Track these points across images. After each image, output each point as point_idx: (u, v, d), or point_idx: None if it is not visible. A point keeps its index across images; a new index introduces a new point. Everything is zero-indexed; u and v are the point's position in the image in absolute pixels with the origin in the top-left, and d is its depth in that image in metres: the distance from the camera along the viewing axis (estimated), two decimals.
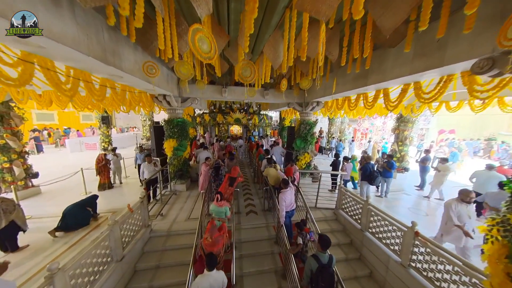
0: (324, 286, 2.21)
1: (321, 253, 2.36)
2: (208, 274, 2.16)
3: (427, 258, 2.64)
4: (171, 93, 4.99)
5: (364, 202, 3.82)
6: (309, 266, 2.33)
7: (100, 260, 2.60)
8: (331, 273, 2.25)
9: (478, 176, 4.86)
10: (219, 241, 2.68)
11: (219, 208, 3.29)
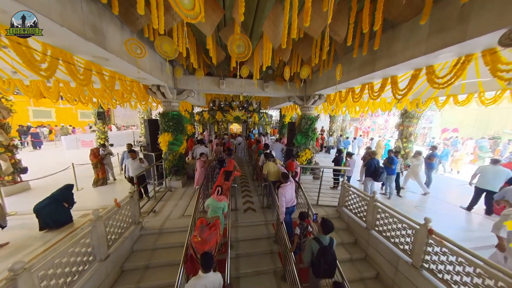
0: (327, 267, 2.20)
1: (322, 236, 2.38)
2: (204, 276, 1.88)
3: (442, 258, 2.38)
4: (165, 83, 4.73)
5: (370, 199, 3.56)
6: (310, 249, 2.34)
7: (80, 259, 2.34)
8: (332, 254, 2.27)
9: (484, 172, 4.58)
10: (211, 239, 2.40)
11: (218, 202, 3.04)
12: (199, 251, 2.32)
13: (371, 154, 5.15)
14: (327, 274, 2.24)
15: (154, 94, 5.20)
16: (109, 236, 2.88)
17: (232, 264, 3.24)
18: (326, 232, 2.35)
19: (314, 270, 2.29)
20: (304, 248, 2.73)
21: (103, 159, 6.07)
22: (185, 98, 5.65)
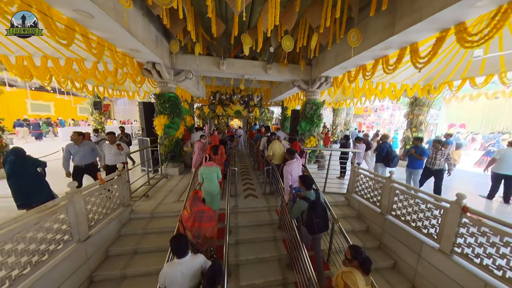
0: (319, 220, 2.19)
1: (307, 192, 2.37)
2: (179, 262, 1.58)
3: (481, 240, 2.00)
4: (161, 59, 4.38)
5: (386, 180, 3.19)
6: (298, 208, 2.35)
7: (51, 237, 1.99)
8: (321, 205, 2.26)
9: (504, 156, 4.19)
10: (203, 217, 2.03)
11: (209, 168, 2.81)
12: (188, 228, 1.97)
13: (383, 137, 4.78)
14: (321, 227, 2.21)
15: (149, 74, 4.86)
16: (91, 215, 2.53)
17: (232, 250, 2.89)
18: (308, 187, 2.37)
19: (309, 228, 2.27)
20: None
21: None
22: (182, 80, 5.29)
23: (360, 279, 1.55)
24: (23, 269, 1.71)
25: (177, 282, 1.53)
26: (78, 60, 4.46)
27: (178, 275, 1.52)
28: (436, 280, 2.34)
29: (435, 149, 4.15)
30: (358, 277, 1.55)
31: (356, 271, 1.59)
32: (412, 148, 4.43)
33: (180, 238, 1.63)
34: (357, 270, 1.59)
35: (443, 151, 4.08)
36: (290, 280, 2.61)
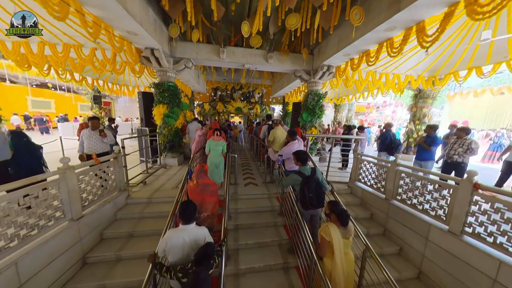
0: (312, 195, 2.13)
1: (302, 167, 2.32)
2: (183, 228, 1.57)
3: (494, 217, 1.89)
4: (159, 46, 4.30)
5: (391, 164, 3.08)
6: (290, 180, 2.33)
7: (41, 211, 1.90)
8: (315, 180, 2.20)
9: None
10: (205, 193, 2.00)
11: (216, 142, 3.05)
12: (194, 199, 1.97)
13: (387, 126, 4.67)
14: (314, 203, 2.15)
15: (148, 62, 4.78)
16: (85, 195, 2.44)
17: (231, 235, 2.79)
18: (303, 162, 2.32)
19: (302, 203, 2.24)
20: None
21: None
22: (182, 68, 5.21)
23: (335, 231, 1.71)
24: (9, 241, 1.62)
25: (178, 247, 1.50)
26: (75, 46, 4.40)
27: (180, 241, 1.50)
28: (445, 264, 2.23)
29: (458, 138, 3.51)
30: (332, 229, 1.72)
31: (332, 224, 1.76)
32: (423, 137, 4.04)
33: (190, 203, 1.65)
34: (334, 223, 1.76)
35: (465, 141, 3.38)
36: (291, 265, 2.50)
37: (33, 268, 1.74)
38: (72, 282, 2.04)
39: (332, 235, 1.69)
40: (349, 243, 1.79)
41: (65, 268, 2.04)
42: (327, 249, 1.76)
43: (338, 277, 1.68)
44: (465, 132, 3.48)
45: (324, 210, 1.89)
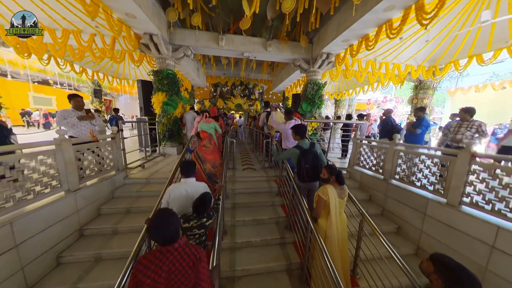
0: (308, 166, 2.15)
1: (300, 141, 2.32)
2: (184, 181, 1.79)
3: (493, 184, 1.87)
4: (158, 31, 4.30)
5: (390, 144, 3.06)
6: (287, 154, 2.36)
7: (37, 177, 1.91)
8: (313, 153, 2.20)
9: None
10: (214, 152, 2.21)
11: (207, 124, 3.06)
12: (206, 160, 2.29)
13: (386, 113, 4.64)
14: (310, 174, 2.17)
15: (147, 50, 4.78)
16: (82, 169, 2.45)
17: (228, 212, 2.79)
18: (301, 135, 2.31)
19: (299, 175, 2.26)
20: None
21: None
22: (181, 56, 5.21)
23: (333, 191, 1.77)
24: (4, 202, 1.62)
25: (180, 198, 1.67)
26: (75, 32, 4.42)
27: (183, 193, 1.70)
28: (443, 236, 2.21)
29: (462, 121, 3.02)
30: (330, 189, 1.77)
31: (330, 185, 1.80)
32: (411, 122, 3.85)
33: (190, 162, 1.88)
34: (332, 185, 1.81)
35: (472, 124, 2.86)
36: (288, 240, 2.49)
37: (29, 231, 1.74)
38: (68, 251, 2.05)
39: (329, 194, 1.75)
40: (343, 203, 1.83)
41: (61, 236, 2.04)
42: (323, 210, 1.77)
43: (333, 235, 1.71)
44: (470, 114, 2.99)
45: (322, 175, 1.88)
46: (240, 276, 2.04)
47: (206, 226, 1.54)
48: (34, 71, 15.28)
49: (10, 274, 1.57)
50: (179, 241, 1.03)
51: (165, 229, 0.98)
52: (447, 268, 1.00)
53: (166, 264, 0.96)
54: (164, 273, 0.94)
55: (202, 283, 0.99)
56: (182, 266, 0.97)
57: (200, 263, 1.00)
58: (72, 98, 2.75)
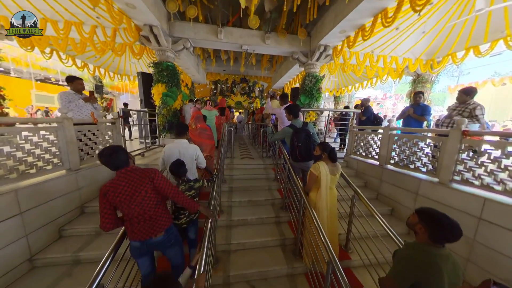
0: (301, 145, 2.21)
1: (294, 120, 2.38)
2: (176, 141, 1.98)
3: (482, 159, 1.92)
4: (158, 22, 4.37)
5: (384, 129, 3.11)
6: (282, 133, 2.42)
7: (39, 152, 1.98)
8: (305, 131, 2.26)
9: None
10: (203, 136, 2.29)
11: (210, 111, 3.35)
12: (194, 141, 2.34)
13: (365, 102, 4.71)
14: (303, 153, 2.22)
15: (147, 42, 4.86)
16: (83, 151, 2.52)
17: (224, 195, 2.85)
18: (294, 115, 2.36)
19: (292, 154, 2.32)
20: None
21: None
22: (181, 49, 5.28)
23: (324, 167, 1.84)
24: (8, 173, 1.70)
25: (174, 157, 1.85)
26: (76, 23, 4.50)
27: (176, 151, 1.90)
28: None
29: (459, 103, 2.74)
30: (322, 165, 1.84)
31: (322, 162, 1.87)
32: (411, 108, 3.58)
33: (182, 124, 2.07)
34: (325, 161, 1.88)
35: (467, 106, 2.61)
36: (283, 219, 2.56)
37: (32, 201, 1.81)
38: (70, 225, 2.12)
39: (321, 170, 1.80)
40: (335, 179, 1.88)
41: (63, 211, 2.12)
42: (314, 184, 1.82)
43: (322, 208, 1.77)
44: (469, 94, 2.63)
45: (315, 152, 1.95)
46: (235, 250, 2.11)
47: (195, 188, 1.76)
48: (36, 69, 15.45)
49: (15, 239, 1.65)
50: (131, 167, 1.29)
51: (112, 156, 1.22)
52: (430, 216, 1.06)
53: (125, 182, 1.22)
54: (127, 187, 1.21)
55: (166, 190, 1.33)
56: (139, 180, 1.24)
57: (155, 176, 1.30)
58: (74, 81, 2.73)
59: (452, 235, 1.01)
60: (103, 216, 1.21)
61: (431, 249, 1.02)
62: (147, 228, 1.28)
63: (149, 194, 1.26)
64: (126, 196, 1.20)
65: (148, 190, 1.26)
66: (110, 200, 1.19)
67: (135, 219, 1.25)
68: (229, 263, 1.94)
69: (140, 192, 1.23)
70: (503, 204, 1.69)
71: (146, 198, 1.25)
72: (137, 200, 1.22)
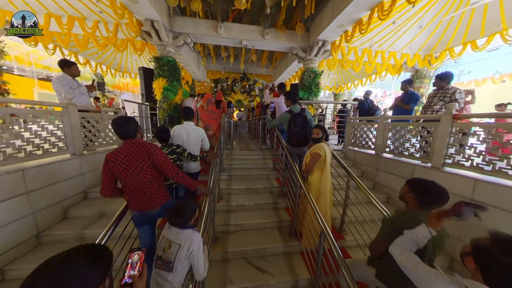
0: (298, 130, 2.29)
1: (292, 106, 2.46)
2: (185, 123, 2.18)
3: (471, 141, 1.98)
4: (159, 17, 4.46)
5: (380, 118, 3.17)
6: (280, 119, 2.48)
7: (45, 135, 2.06)
8: (302, 116, 2.34)
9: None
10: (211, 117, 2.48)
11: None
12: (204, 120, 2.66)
13: (365, 95, 4.77)
14: (299, 137, 2.30)
15: (149, 37, 4.95)
16: (86, 136, 2.60)
17: (224, 183, 2.92)
18: (293, 100, 2.45)
19: (289, 139, 2.40)
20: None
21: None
22: (181, 44, 5.37)
23: (327, 147, 1.96)
24: (17, 152, 1.78)
25: (182, 136, 2.10)
26: (79, 18, 4.60)
27: (184, 132, 2.13)
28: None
29: (439, 89, 2.73)
30: (325, 145, 1.97)
31: (324, 143, 1.99)
32: (399, 97, 3.57)
33: (189, 108, 2.30)
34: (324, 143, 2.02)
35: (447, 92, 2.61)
36: (281, 206, 2.62)
37: (38, 181, 1.89)
38: (74, 208, 2.20)
39: (326, 150, 1.90)
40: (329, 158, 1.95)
41: (68, 194, 2.20)
42: (317, 165, 1.89)
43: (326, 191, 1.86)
44: (446, 81, 2.65)
45: (316, 135, 2.01)
46: (233, 231, 2.18)
47: (176, 152, 1.97)
48: (39, 68, 15.59)
49: (23, 215, 1.73)
50: (136, 139, 1.35)
51: (121, 124, 1.31)
52: (418, 184, 1.13)
53: (125, 154, 1.29)
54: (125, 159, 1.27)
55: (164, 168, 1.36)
56: (137, 155, 1.30)
57: (154, 153, 1.34)
58: (71, 66, 2.59)
59: (439, 199, 1.06)
60: (103, 182, 1.29)
61: (418, 212, 1.09)
62: (144, 201, 1.34)
63: (145, 170, 1.29)
64: (123, 167, 1.26)
65: (144, 166, 1.29)
66: (110, 168, 1.26)
67: (131, 191, 1.31)
68: (228, 242, 2.01)
69: (136, 167, 1.27)
70: (493, 184, 1.76)
71: (141, 173, 1.29)
72: (133, 174, 1.27)
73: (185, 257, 1.03)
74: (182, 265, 1.04)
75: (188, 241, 1.04)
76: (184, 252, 1.02)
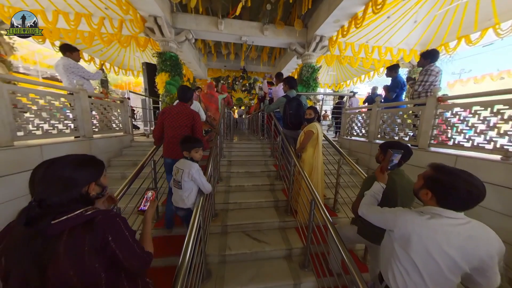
0: (292, 113, 2.41)
1: (289, 91, 2.59)
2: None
3: (453, 120, 2.13)
4: (162, 13, 4.64)
5: (373, 106, 3.32)
6: (277, 103, 2.61)
7: (59, 116, 2.24)
8: (297, 101, 2.45)
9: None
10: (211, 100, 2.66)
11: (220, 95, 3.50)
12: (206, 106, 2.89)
13: (373, 89, 4.91)
14: (293, 120, 2.41)
15: (152, 33, 5.14)
16: (96, 122, 2.78)
17: (223, 167, 3.08)
18: (290, 85, 2.58)
19: (284, 122, 2.51)
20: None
21: None
22: (183, 40, 5.55)
23: (320, 126, 2.15)
24: (36, 129, 1.95)
25: None
26: (86, 15, 4.79)
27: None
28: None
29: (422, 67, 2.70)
30: (317, 124, 2.14)
31: (316, 123, 2.16)
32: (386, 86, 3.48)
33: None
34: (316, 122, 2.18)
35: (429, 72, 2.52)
36: (278, 187, 2.78)
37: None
38: None
39: (318, 128, 2.07)
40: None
41: None
42: (310, 142, 2.05)
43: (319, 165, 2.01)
44: (427, 58, 2.52)
45: (309, 115, 2.16)
46: (232, 208, 2.34)
47: None
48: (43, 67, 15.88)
49: None
50: (188, 104, 1.92)
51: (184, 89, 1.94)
52: (387, 144, 1.29)
53: (176, 111, 1.83)
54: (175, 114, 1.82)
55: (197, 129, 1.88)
56: (185, 116, 1.83)
57: (196, 119, 1.87)
58: (74, 51, 2.57)
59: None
60: (156, 127, 1.91)
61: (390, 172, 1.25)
62: (177, 151, 1.75)
63: (184, 126, 1.81)
64: (171, 120, 1.79)
65: (186, 124, 1.83)
66: (163, 118, 1.80)
67: (169, 139, 1.82)
68: (227, 217, 2.16)
69: (180, 122, 1.81)
70: (470, 158, 1.90)
71: (181, 128, 1.81)
72: (175, 126, 1.80)
73: (188, 179, 1.47)
74: (187, 184, 1.49)
75: (188, 168, 1.48)
76: (186, 175, 1.47)
